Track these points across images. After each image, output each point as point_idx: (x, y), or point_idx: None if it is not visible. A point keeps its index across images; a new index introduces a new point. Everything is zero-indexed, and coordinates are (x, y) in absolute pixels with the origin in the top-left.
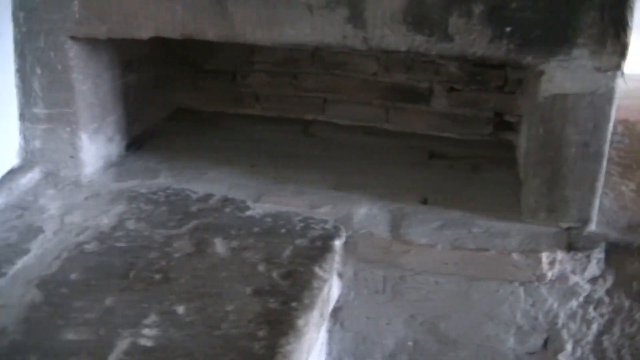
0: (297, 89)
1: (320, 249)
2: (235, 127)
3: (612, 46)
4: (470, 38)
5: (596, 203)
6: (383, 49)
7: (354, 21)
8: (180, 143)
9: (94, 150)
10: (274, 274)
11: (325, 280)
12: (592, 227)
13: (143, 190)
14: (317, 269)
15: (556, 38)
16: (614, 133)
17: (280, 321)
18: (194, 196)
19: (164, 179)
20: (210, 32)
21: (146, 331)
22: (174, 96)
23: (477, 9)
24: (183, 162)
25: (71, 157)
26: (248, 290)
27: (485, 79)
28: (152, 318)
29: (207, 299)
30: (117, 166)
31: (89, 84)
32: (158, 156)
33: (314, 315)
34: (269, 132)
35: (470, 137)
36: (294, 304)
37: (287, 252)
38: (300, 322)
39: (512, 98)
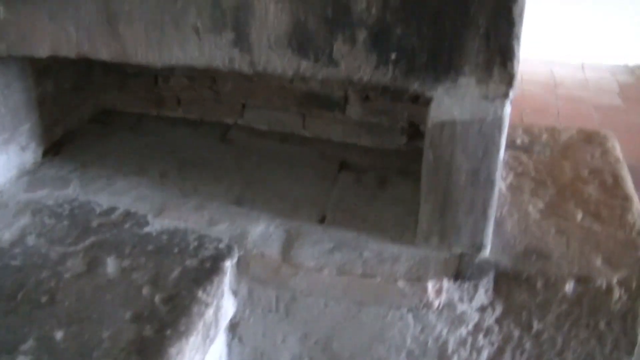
0: (216, 93)
1: (208, 271)
2: (156, 130)
3: (499, 75)
4: (356, 64)
5: (489, 230)
6: (270, 73)
7: (240, 45)
8: (97, 148)
9: (4, 160)
10: (156, 298)
11: (208, 304)
12: (486, 253)
13: (49, 202)
14: (200, 293)
15: (442, 65)
16: (537, 142)
17: (151, 350)
18: (98, 209)
19: (72, 190)
20: (104, 52)
21: (20, 358)
22: (97, 97)
23: (361, 35)
24: (95, 169)
25: None
26: (128, 315)
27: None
28: (30, 344)
29: (86, 324)
30: (30, 174)
31: None
32: (72, 163)
33: (191, 341)
34: (188, 136)
35: (384, 146)
36: (168, 332)
37: (175, 273)
38: (173, 350)
39: (426, 109)
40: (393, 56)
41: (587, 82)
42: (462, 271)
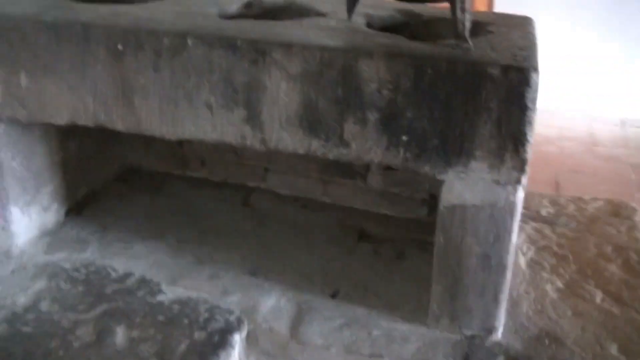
0: (239, 156)
1: (215, 345)
2: (179, 192)
3: (511, 161)
4: (367, 145)
5: (500, 313)
6: (281, 151)
7: (251, 122)
8: (119, 209)
9: (26, 221)
10: None
11: None
12: (497, 335)
13: (67, 266)
14: None
15: (453, 149)
16: (562, 214)
17: None
18: (113, 275)
19: (90, 253)
20: (120, 123)
21: None
22: (123, 156)
23: (372, 117)
24: (115, 232)
25: (3, 228)
26: None
27: None
28: None
29: None
30: (52, 235)
31: (20, 158)
32: (94, 224)
33: None
34: (210, 200)
35: (405, 216)
36: None
37: (182, 347)
38: None
39: None
40: (404, 139)
41: (627, 139)
42: (471, 354)
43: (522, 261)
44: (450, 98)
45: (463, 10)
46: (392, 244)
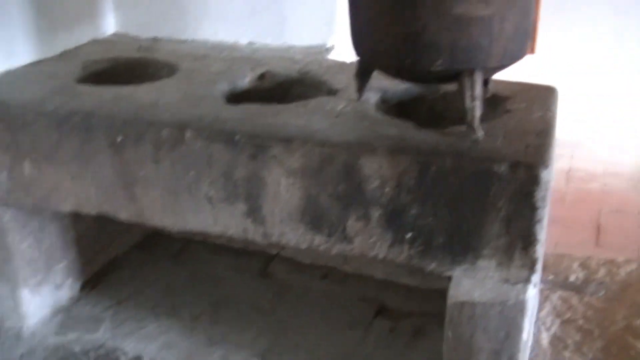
0: None
1: None
2: (198, 260)
3: (521, 259)
4: (370, 241)
5: None
6: (284, 245)
7: (253, 217)
8: (136, 281)
9: (37, 301)
10: None
11: None
12: None
13: (77, 349)
14: None
15: (460, 247)
16: (592, 280)
17: None
18: (122, 359)
19: (102, 333)
20: (122, 213)
21: None
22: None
23: (375, 213)
24: (129, 307)
25: (13, 310)
26: None
27: None
28: None
29: None
30: (64, 312)
31: (30, 240)
32: (108, 299)
33: None
34: (229, 268)
35: (426, 286)
36: None
37: None
38: None
39: None
40: (409, 235)
41: None
42: None
43: (545, 338)
44: (456, 195)
45: (473, 98)
46: (411, 319)
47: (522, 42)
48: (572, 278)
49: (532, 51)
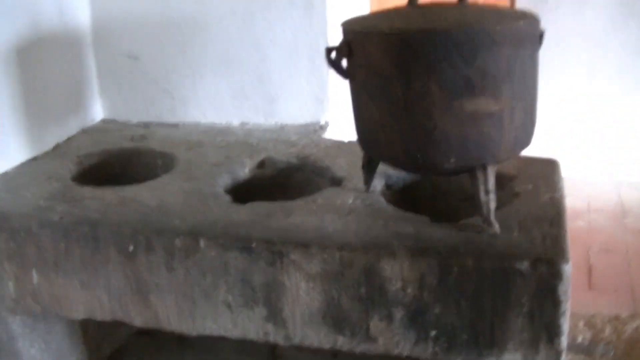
0: None
1: None
2: (204, 344)
3: (546, 351)
4: (394, 340)
5: None
6: (307, 346)
7: (273, 320)
8: None
9: None
10: None
11: None
12: None
13: None
14: None
15: (484, 342)
16: (599, 340)
17: None
18: None
19: None
20: (137, 319)
21: None
22: None
23: (398, 314)
24: None
25: None
26: None
27: None
28: None
29: None
30: None
31: (38, 344)
32: None
33: None
34: (236, 352)
35: None
36: None
37: None
38: None
39: None
40: (432, 333)
41: None
42: None
43: None
44: (478, 292)
45: (487, 192)
46: None
47: (530, 130)
48: (579, 339)
49: None
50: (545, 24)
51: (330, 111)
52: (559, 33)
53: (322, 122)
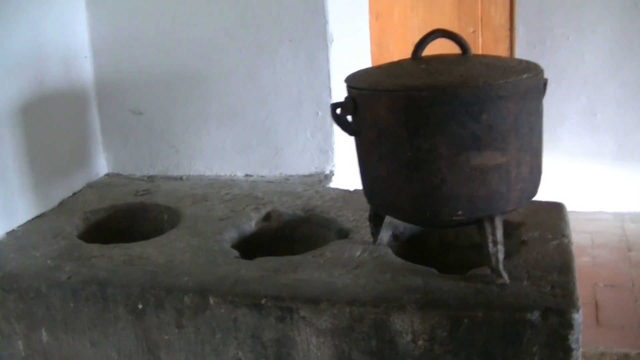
0: None
1: None
2: None
3: None
4: None
5: None
6: None
7: None
8: None
9: None
10: None
11: None
12: None
13: None
14: None
15: None
16: None
17: None
18: None
19: None
20: None
21: None
22: None
23: None
24: None
25: None
26: None
27: None
28: None
29: None
30: None
31: None
32: None
33: None
34: None
35: None
36: None
37: None
38: None
39: None
40: None
41: None
42: None
43: None
44: (489, 344)
45: (495, 243)
46: None
47: (537, 180)
48: None
49: None
50: (544, 64)
51: (335, 160)
52: (558, 74)
53: (327, 172)
